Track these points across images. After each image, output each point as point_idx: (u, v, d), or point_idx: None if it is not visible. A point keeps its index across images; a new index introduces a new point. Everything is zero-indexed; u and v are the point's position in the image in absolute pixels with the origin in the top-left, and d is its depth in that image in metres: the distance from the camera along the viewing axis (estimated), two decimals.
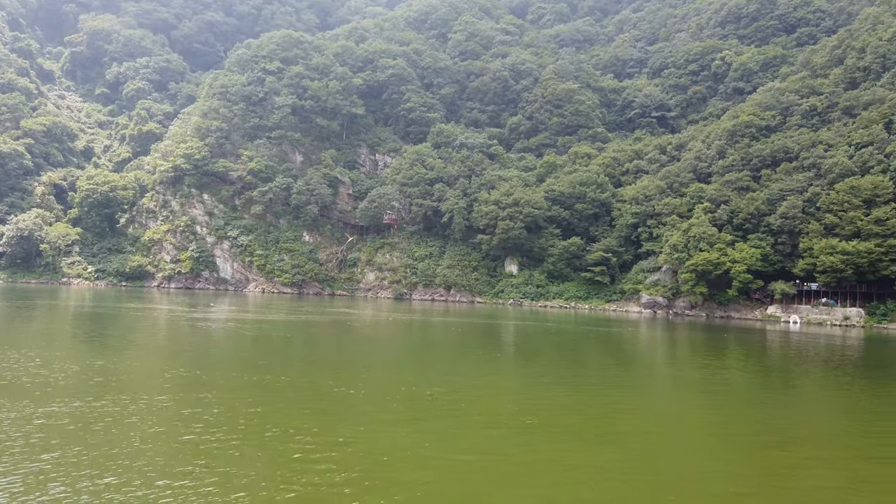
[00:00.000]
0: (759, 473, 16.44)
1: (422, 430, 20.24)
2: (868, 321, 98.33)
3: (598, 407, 25.28)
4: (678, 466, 17.35)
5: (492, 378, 31.35)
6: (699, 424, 23.63)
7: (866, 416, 25.38)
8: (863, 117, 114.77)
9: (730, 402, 28.36)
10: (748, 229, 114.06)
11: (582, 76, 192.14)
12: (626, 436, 20.54)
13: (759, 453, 18.48)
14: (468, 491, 14.78)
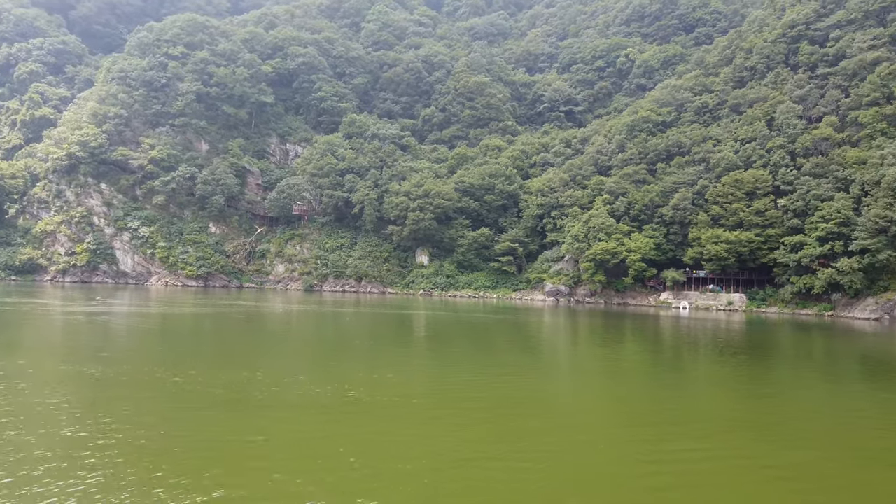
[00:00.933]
0: (651, 448, 17.74)
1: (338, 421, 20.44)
2: (749, 306, 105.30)
3: (502, 390, 26.12)
4: (582, 442, 18.31)
5: (406, 369, 31.68)
6: (604, 403, 24.81)
7: (745, 393, 27.62)
8: (748, 114, 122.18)
9: (627, 383, 29.95)
10: (643, 220, 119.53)
11: (494, 69, 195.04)
12: (521, 417, 21.44)
13: (655, 428, 19.86)
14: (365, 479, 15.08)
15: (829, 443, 18.50)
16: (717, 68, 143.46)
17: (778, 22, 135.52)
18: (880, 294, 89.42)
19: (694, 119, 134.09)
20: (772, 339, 57.58)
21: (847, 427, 21.08)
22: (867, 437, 19.69)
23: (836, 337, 61.54)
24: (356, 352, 38.78)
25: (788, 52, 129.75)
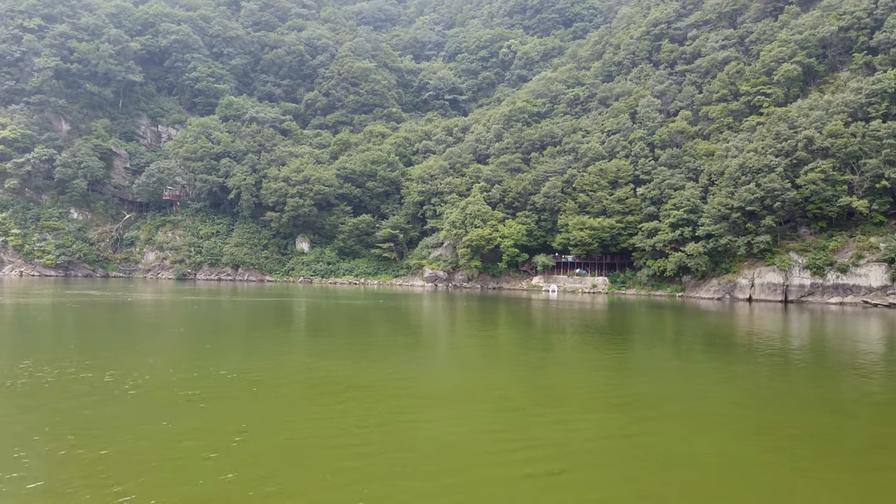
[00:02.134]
0: (520, 425, 18.25)
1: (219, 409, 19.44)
2: (611, 288, 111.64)
3: (378, 375, 25.97)
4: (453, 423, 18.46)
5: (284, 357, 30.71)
6: (482, 385, 25.17)
7: (608, 371, 29.30)
8: (614, 107, 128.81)
9: (500, 364, 30.74)
10: (517, 207, 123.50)
11: (380, 55, 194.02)
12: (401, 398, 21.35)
13: (526, 409, 20.37)
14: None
15: (683, 413, 20.06)
16: (589, 62, 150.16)
17: (643, 20, 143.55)
18: (722, 276, 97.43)
19: (566, 111, 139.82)
20: (629, 320, 61.25)
21: (695, 397, 23.10)
22: (716, 406, 21.73)
23: (684, 316, 66.26)
24: (213, 341, 37.67)
25: (652, 49, 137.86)
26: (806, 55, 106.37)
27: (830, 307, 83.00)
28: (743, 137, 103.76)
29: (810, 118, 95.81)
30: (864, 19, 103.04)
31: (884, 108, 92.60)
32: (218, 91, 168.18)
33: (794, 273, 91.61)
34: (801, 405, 21.97)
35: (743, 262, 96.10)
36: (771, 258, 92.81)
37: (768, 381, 26.41)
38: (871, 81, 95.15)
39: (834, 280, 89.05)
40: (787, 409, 21.05)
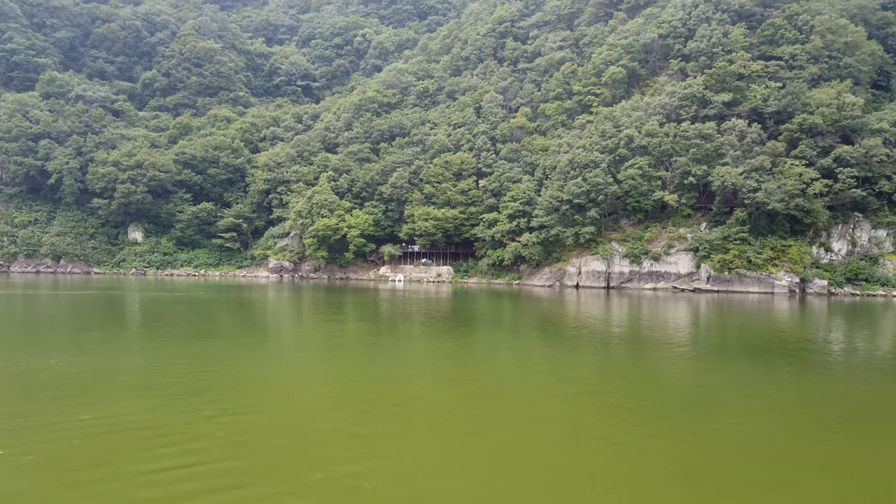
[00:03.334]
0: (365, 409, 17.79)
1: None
2: (455, 277, 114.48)
3: (217, 368, 23.78)
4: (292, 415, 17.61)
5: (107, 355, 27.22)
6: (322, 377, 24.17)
7: (451, 356, 29.40)
8: (460, 101, 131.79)
9: (345, 355, 29.65)
10: (365, 197, 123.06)
11: (227, 36, 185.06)
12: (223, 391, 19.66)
13: (369, 399, 19.66)
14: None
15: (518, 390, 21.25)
16: (439, 56, 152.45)
17: (490, 17, 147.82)
18: (554, 264, 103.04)
19: (416, 102, 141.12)
20: (468, 307, 62.79)
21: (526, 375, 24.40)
22: (540, 380, 23.66)
23: (515, 302, 69.11)
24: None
25: (497, 46, 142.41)
26: (630, 59, 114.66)
27: (646, 292, 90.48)
28: (574, 134, 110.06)
29: (631, 118, 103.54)
30: (680, 28, 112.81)
31: (693, 110, 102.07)
32: (39, 65, 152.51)
33: (616, 261, 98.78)
34: (614, 374, 24.77)
35: (572, 252, 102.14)
36: (595, 248, 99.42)
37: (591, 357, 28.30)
38: (683, 86, 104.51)
39: (649, 267, 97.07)
40: (605, 377, 23.86)
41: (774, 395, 21.36)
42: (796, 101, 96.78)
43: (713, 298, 79.15)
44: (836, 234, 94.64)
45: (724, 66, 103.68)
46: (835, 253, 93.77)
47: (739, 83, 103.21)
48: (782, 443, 15.77)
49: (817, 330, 45.65)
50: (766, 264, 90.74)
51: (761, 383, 23.38)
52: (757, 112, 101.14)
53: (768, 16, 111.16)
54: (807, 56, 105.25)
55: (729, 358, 30.84)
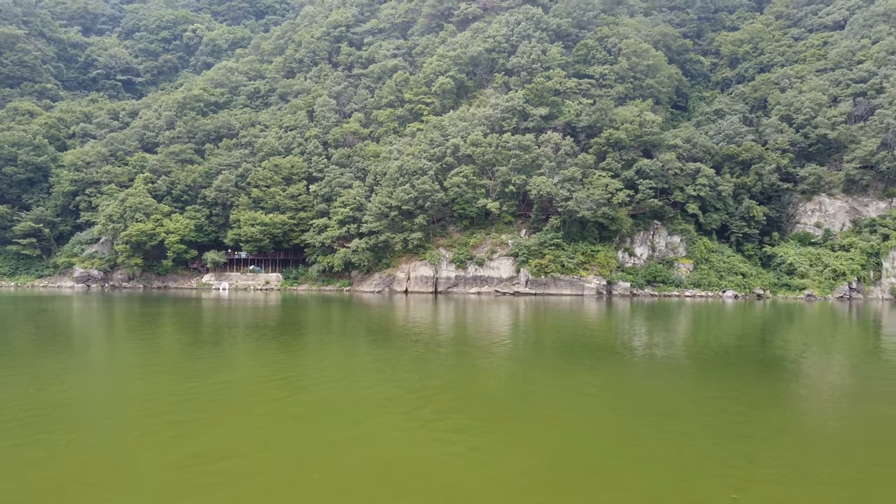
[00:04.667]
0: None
1: None
2: (284, 284, 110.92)
3: None
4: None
5: None
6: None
7: (278, 365, 27.47)
8: (293, 104, 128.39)
9: (158, 371, 25.84)
10: (186, 201, 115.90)
11: (34, 22, 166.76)
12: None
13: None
14: None
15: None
16: (272, 56, 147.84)
17: (325, 20, 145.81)
18: (384, 270, 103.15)
19: (246, 103, 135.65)
20: (296, 314, 60.34)
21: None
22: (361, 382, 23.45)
23: (347, 308, 67.63)
24: None
25: (332, 51, 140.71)
26: (458, 70, 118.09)
27: (471, 296, 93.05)
28: (405, 142, 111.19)
29: (458, 128, 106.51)
30: (504, 44, 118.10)
31: (514, 122, 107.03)
32: None
33: (443, 267, 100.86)
34: (431, 371, 24.74)
35: (401, 258, 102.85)
36: (424, 253, 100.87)
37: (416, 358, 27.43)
38: (506, 99, 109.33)
39: (474, 272, 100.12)
40: (425, 373, 23.87)
41: (583, 391, 22.75)
42: (605, 117, 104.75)
43: (531, 301, 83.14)
44: (639, 240, 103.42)
45: (543, 81, 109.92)
46: (637, 257, 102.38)
47: (556, 98, 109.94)
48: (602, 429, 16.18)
49: (619, 329, 49.08)
50: (577, 268, 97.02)
51: (573, 380, 24.82)
52: (571, 126, 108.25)
53: (582, 37, 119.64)
54: (615, 76, 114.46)
55: (543, 357, 32.39)
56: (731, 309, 72.31)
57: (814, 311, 69.91)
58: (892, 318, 62.86)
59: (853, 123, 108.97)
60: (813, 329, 51.49)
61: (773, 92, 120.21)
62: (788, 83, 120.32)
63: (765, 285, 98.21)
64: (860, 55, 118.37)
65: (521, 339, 40.70)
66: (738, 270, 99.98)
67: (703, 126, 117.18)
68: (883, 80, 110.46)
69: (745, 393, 22.68)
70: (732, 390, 23.04)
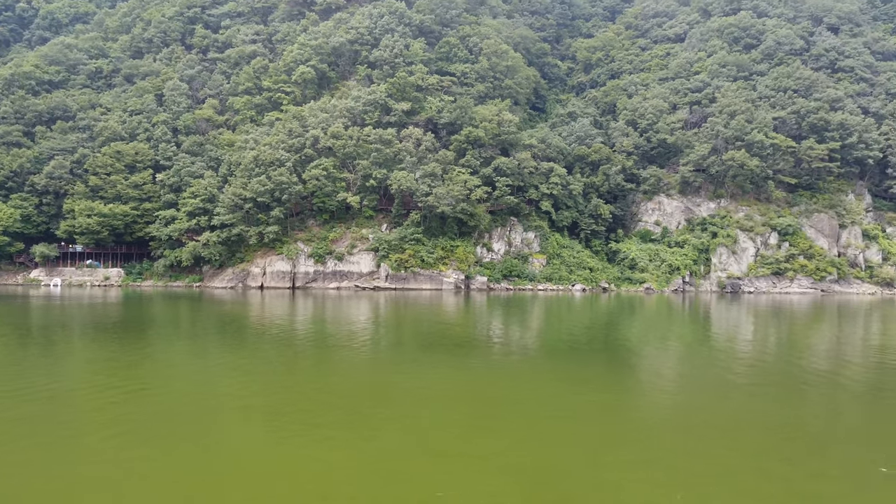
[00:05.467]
0: None
1: None
2: (126, 280, 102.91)
3: None
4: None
5: None
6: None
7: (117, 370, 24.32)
8: (139, 86, 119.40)
9: None
10: (12, 188, 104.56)
11: None
12: None
13: None
14: None
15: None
16: (118, 34, 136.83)
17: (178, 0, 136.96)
18: (238, 265, 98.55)
19: (86, 83, 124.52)
20: (141, 312, 55.27)
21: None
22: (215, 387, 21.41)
23: (198, 305, 63.15)
24: None
25: (185, 32, 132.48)
26: (320, 60, 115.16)
27: (330, 291, 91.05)
28: (263, 131, 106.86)
29: (318, 119, 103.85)
30: (366, 36, 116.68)
31: (376, 116, 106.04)
32: None
33: (301, 261, 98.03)
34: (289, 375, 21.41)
35: (256, 252, 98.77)
36: (280, 247, 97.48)
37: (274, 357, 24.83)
38: (368, 92, 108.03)
39: (333, 267, 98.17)
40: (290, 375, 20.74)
41: (442, 386, 22.38)
42: (465, 114, 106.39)
43: (391, 296, 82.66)
44: (497, 235, 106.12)
45: (405, 76, 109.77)
46: (495, 252, 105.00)
47: (418, 94, 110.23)
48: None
49: (476, 323, 49.44)
50: (437, 263, 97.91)
51: (431, 374, 24.52)
52: (432, 122, 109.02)
53: (445, 34, 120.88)
54: (476, 75, 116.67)
55: (403, 352, 31.70)
56: (580, 302, 75.93)
57: (652, 303, 74.93)
58: (718, 309, 68.63)
59: (689, 129, 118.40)
60: (650, 320, 54.95)
61: (621, 98, 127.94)
62: (635, 90, 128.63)
63: (610, 279, 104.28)
64: (697, 66, 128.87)
65: (381, 335, 40.01)
66: (587, 265, 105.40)
67: (558, 127, 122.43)
68: (715, 90, 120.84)
69: (587, 378, 23.86)
70: (578, 376, 24.17)
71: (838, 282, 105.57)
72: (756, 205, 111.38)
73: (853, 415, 19.15)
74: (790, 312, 63.96)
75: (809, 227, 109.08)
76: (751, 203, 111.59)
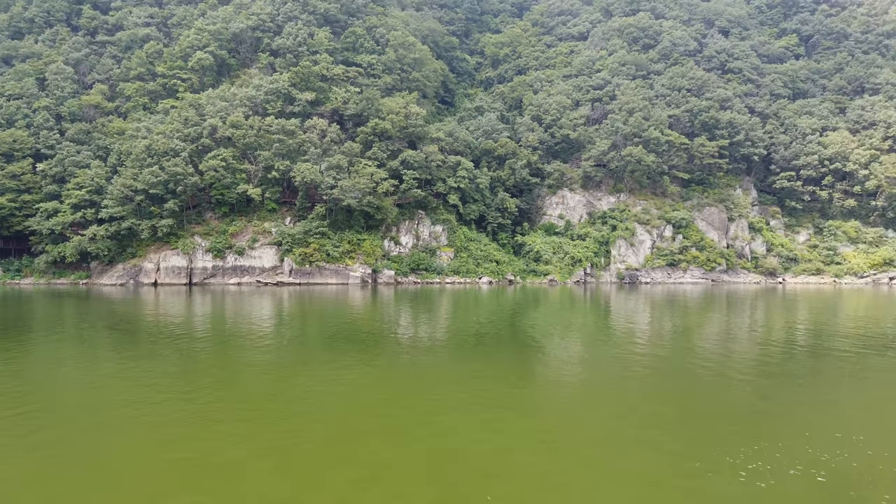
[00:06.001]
0: None
1: None
2: (3, 278, 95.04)
3: None
4: None
5: None
6: None
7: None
8: (18, 69, 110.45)
9: None
10: None
11: None
12: None
13: None
14: None
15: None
16: None
17: None
18: (129, 260, 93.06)
19: None
20: (20, 312, 50.12)
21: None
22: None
23: (85, 304, 58.33)
24: None
25: (71, 12, 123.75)
26: (219, 47, 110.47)
27: (230, 287, 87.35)
28: (156, 119, 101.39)
29: (217, 108, 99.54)
30: (268, 23, 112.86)
31: (279, 106, 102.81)
32: None
33: (199, 256, 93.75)
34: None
35: (149, 247, 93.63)
36: (176, 242, 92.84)
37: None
38: (270, 80, 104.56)
39: (233, 262, 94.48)
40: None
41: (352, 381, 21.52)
42: (371, 106, 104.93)
43: (295, 291, 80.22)
44: (405, 229, 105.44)
45: (309, 66, 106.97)
46: (403, 246, 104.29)
47: (323, 84, 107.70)
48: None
49: (384, 317, 48.24)
50: (343, 257, 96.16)
51: (338, 372, 23.59)
52: (338, 113, 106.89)
53: (351, 24, 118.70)
54: (382, 66, 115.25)
55: (309, 349, 30.25)
56: (486, 294, 76.38)
57: (555, 295, 76.37)
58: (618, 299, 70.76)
59: (591, 126, 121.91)
60: (553, 311, 55.77)
61: (527, 93, 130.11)
62: (540, 86, 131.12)
63: (516, 272, 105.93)
64: (598, 64, 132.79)
65: (286, 332, 38.24)
66: (493, 258, 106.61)
67: (466, 121, 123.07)
68: (615, 88, 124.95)
69: (487, 369, 23.50)
70: (479, 370, 23.87)
71: (727, 272, 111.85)
72: (653, 199, 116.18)
73: (735, 396, 19.75)
74: (683, 302, 66.86)
75: (701, 221, 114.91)
76: (648, 197, 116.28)
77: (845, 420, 16.93)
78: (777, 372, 23.85)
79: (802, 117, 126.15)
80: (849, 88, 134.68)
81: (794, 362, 26.47)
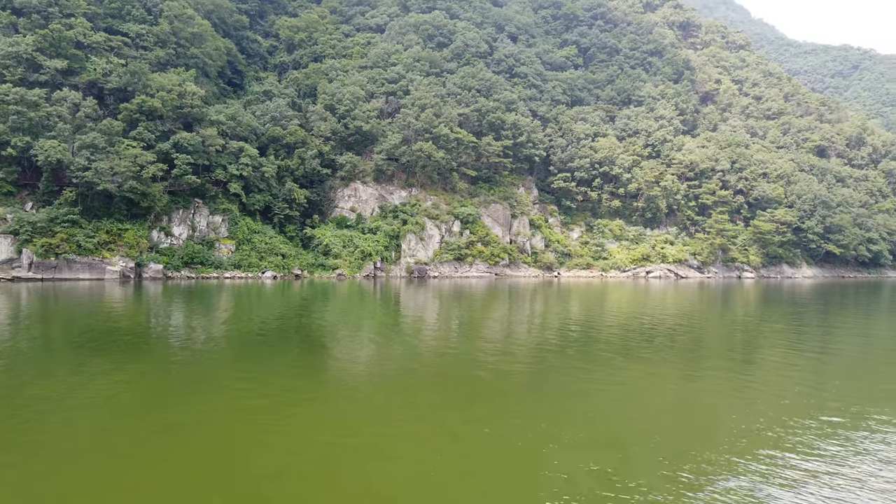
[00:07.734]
0: None
1: None
2: None
3: None
4: None
5: None
6: None
7: None
8: None
9: None
10: None
11: None
12: None
13: None
14: None
15: None
16: None
17: None
18: None
19: None
20: None
21: None
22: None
23: None
24: None
25: None
26: None
27: None
28: None
29: None
30: None
31: (20, 73, 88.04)
32: None
33: None
34: None
35: None
36: None
37: None
38: (10, 43, 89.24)
39: None
40: None
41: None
42: (138, 81, 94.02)
43: (37, 288, 68.38)
44: (178, 218, 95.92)
45: (62, 29, 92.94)
46: (176, 237, 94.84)
47: (78, 52, 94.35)
48: None
49: (148, 317, 41.07)
50: (99, 249, 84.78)
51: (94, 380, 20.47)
52: (97, 86, 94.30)
53: None
54: (154, 39, 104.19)
55: (55, 356, 25.09)
56: (270, 289, 71.40)
57: (343, 289, 73.51)
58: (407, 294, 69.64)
59: (384, 119, 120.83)
60: (340, 306, 52.74)
61: (321, 81, 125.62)
62: (336, 75, 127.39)
63: (303, 265, 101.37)
64: (394, 58, 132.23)
65: (23, 335, 31.07)
66: (279, 251, 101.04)
67: (253, 106, 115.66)
68: (409, 83, 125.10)
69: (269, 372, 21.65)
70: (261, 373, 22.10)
71: (510, 266, 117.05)
72: (443, 194, 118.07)
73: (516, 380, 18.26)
74: (469, 295, 67.73)
75: (487, 217, 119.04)
76: (438, 193, 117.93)
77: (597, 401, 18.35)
78: (547, 362, 23.89)
79: (578, 123, 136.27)
80: (618, 99, 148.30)
81: (562, 354, 27.18)
